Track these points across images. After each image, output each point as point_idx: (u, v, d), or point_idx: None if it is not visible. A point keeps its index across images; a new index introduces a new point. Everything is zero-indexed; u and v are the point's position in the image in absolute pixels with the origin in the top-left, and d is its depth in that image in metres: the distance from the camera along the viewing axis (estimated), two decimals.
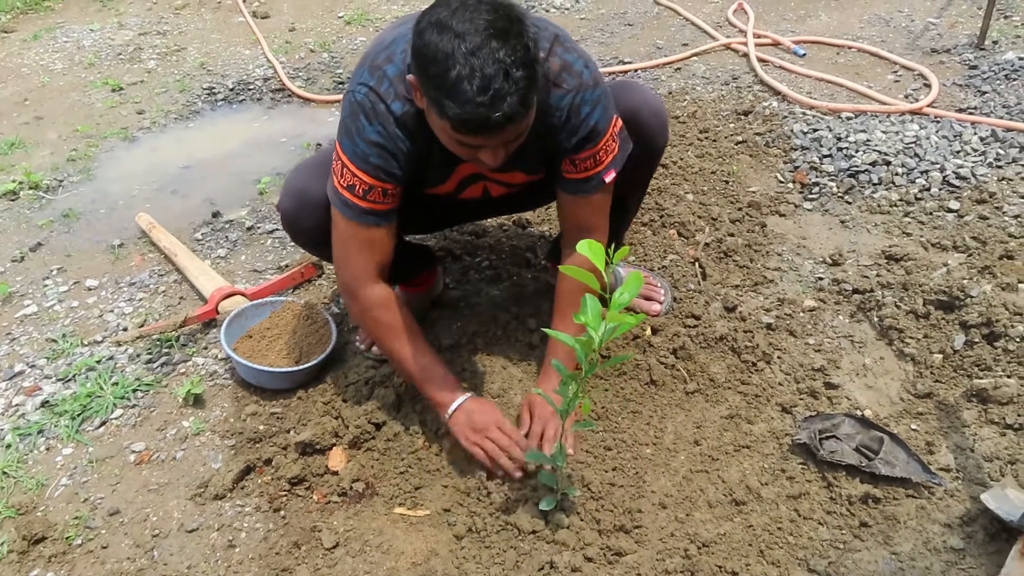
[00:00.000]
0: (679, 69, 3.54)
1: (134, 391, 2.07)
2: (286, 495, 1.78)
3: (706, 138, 2.95)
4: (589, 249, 1.35)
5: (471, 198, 1.89)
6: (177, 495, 1.80)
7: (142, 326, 2.30)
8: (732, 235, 2.44)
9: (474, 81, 1.30)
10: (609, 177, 1.70)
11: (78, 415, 2.00)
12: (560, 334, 1.51)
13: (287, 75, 3.76)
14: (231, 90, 3.70)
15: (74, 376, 2.13)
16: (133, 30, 4.47)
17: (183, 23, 4.54)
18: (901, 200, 2.54)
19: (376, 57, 1.59)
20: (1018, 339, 1.91)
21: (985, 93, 3.06)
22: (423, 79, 1.38)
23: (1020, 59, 3.24)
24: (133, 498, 1.80)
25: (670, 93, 3.32)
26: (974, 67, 3.27)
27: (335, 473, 1.80)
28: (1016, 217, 2.37)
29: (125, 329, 2.30)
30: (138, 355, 2.19)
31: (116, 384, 2.08)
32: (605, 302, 1.40)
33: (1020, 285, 2.09)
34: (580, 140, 1.63)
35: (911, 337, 2.01)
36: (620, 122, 1.70)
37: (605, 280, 1.41)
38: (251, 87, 3.72)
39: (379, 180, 1.61)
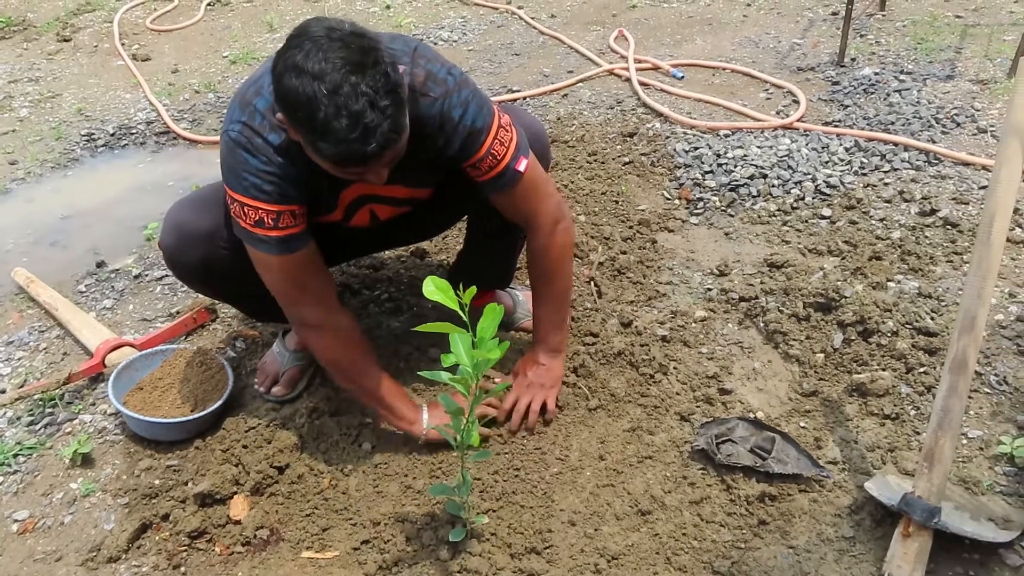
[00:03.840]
0: (566, 95, 3.64)
1: (15, 456, 1.96)
2: (186, 550, 1.71)
3: (595, 160, 3.04)
4: (436, 286, 1.38)
5: (361, 226, 1.88)
6: (67, 563, 1.71)
7: (22, 386, 2.18)
8: (624, 253, 2.51)
9: (342, 119, 1.31)
10: (522, 165, 1.72)
11: None
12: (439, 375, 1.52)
13: (171, 117, 3.67)
14: (112, 135, 3.57)
15: None
16: (2, 78, 4.26)
17: (57, 68, 4.36)
18: (779, 210, 2.67)
19: (245, 93, 1.59)
20: (888, 334, 2.03)
21: (847, 107, 3.27)
22: (292, 123, 1.39)
23: (876, 74, 3.48)
24: (17, 571, 1.69)
25: (558, 119, 3.41)
26: (836, 83, 3.49)
27: (238, 522, 1.75)
28: (882, 220, 2.53)
29: (3, 391, 2.17)
30: (18, 417, 2.08)
31: None
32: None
33: (888, 283, 2.23)
34: (462, 143, 1.65)
35: (795, 339, 2.11)
36: (505, 116, 1.72)
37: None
38: (133, 131, 3.60)
39: (283, 204, 1.59)
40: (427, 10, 4.87)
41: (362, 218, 1.84)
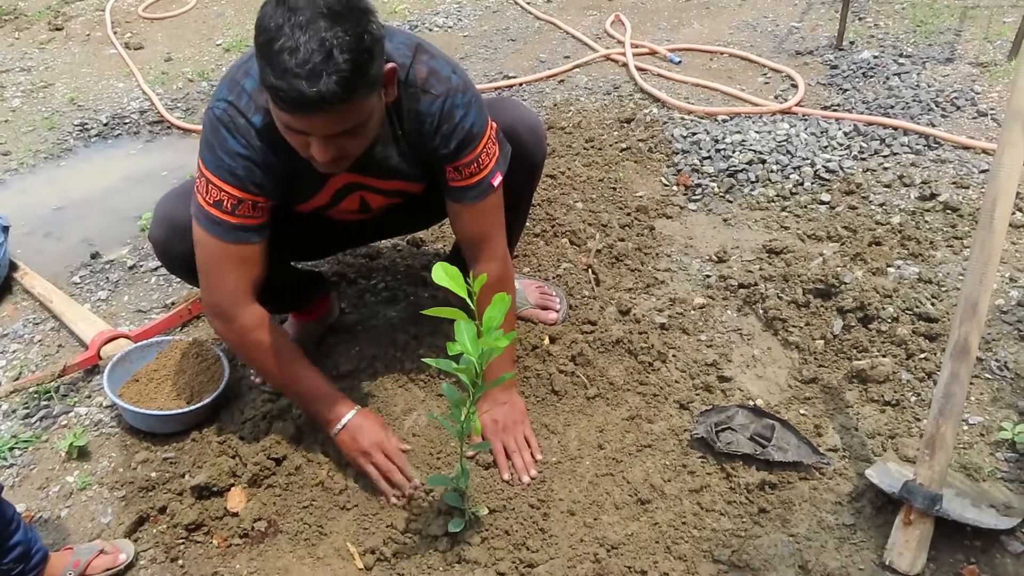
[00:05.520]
0: (562, 81, 3.61)
1: (10, 449, 1.95)
2: (183, 543, 1.70)
3: (592, 147, 3.01)
4: (445, 272, 1.36)
5: (352, 214, 1.85)
6: None
7: (17, 379, 2.16)
8: (622, 240, 2.50)
9: (296, 54, 1.29)
10: (496, 180, 1.70)
11: None
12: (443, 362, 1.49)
13: (165, 106, 3.63)
14: (105, 125, 3.54)
15: None
16: None
17: (49, 58, 4.32)
18: (778, 196, 2.66)
19: (235, 73, 1.57)
20: (889, 320, 2.02)
21: (846, 91, 3.25)
22: (256, 52, 1.37)
23: (875, 57, 3.45)
24: None
25: (555, 105, 3.38)
26: (835, 67, 3.46)
27: (235, 514, 1.74)
28: (881, 205, 2.52)
29: None
30: (14, 411, 2.06)
31: None
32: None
33: (888, 269, 2.22)
34: (458, 144, 1.63)
35: (794, 326, 2.10)
36: (495, 125, 1.71)
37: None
38: (127, 121, 3.57)
39: (248, 192, 1.57)
40: None
41: (351, 203, 1.81)
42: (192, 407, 1.92)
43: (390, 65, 1.47)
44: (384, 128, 1.61)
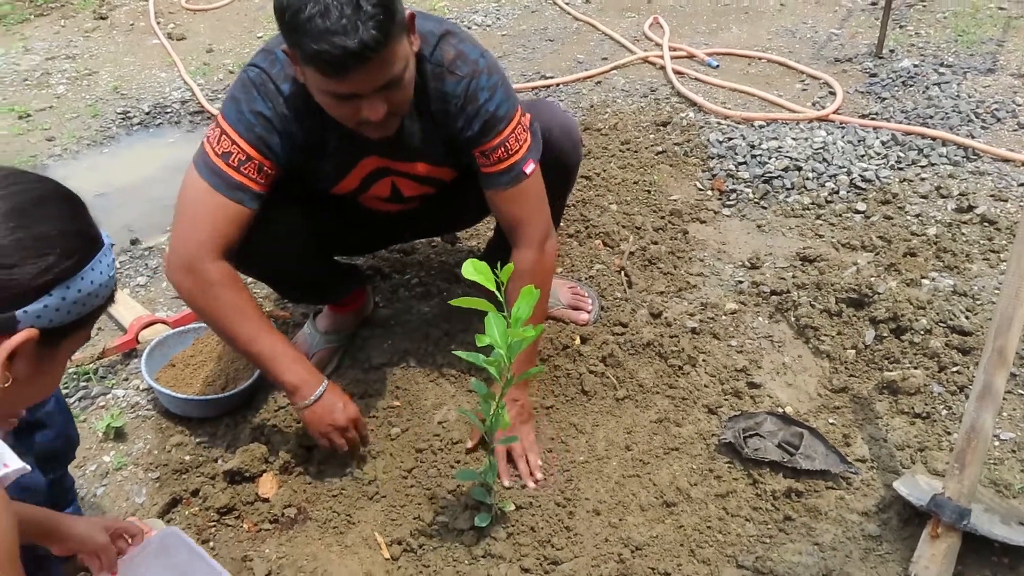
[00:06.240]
0: (599, 83, 3.61)
1: None
2: (215, 526, 1.74)
3: (627, 149, 3.02)
4: (475, 268, 1.37)
5: (385, 202, 1.88)
6: None
7: None
8: (656, 243, 2.50)
9: (328, 15, 1.33)
10: (529, 168, 1.70)
11: None
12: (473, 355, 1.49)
13: (206, 97, 3.69)
14: (147, 114, 3.61)
15: None
16: (40, 54, 4.32)
17: (94, 46, 4.41)
18: (813, 203, 2.64)
19: (270, 44, 1.62)
20: (922, 332, 2.01)
21: (885, 99, 3.22)
22: (284, 34, 1.40)
23: (915, 66, 3.41)
24: None
25: (592, 106, 3.39)
26: (874, 75, 3.43)
27: (266, 500, 1.77)
28: (917, 216, 2.50)
29: None
30: None
31: None
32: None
33: (923, 280, 2.20)
34: (482, 127, 1.64)
35: (826, 335, 2.09)
36: (527, 117, 1.72)
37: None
38: (168, 110, 3.64)
39: (259, 152, 1.59)
40: None
41: (383, 189, 1.84)
42: (227, 393, 1.96)
43: (408, 11, 1.50)
44: (409, 106, 1.63)
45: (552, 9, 4.50)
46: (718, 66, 3.66)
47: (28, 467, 0.92)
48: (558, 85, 3.60)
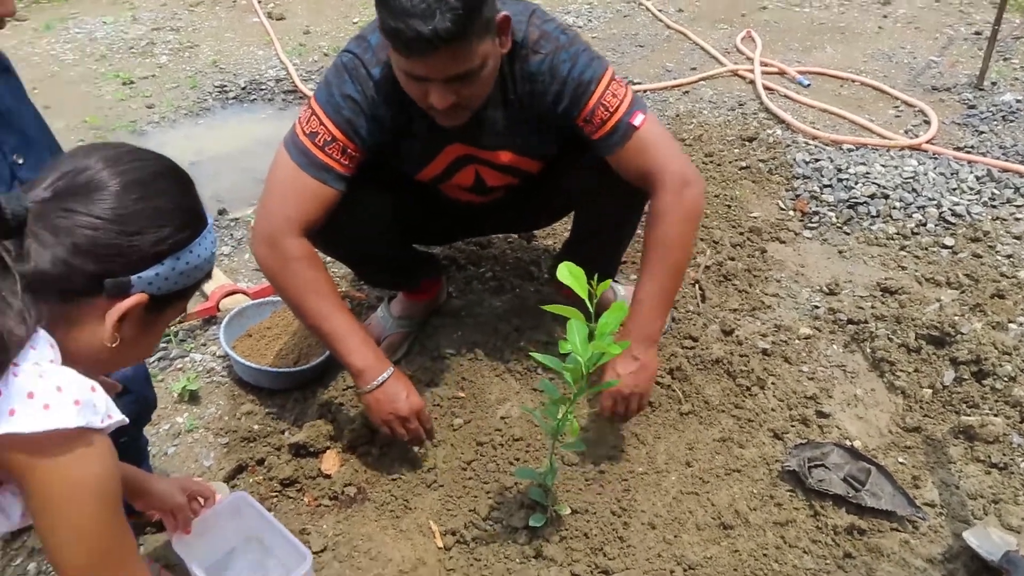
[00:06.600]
0: (687, 92, 3.58)
1: None
2: (277, 496, 1.79)
3: (711, 162, 2.99)
4: (570, 272, 1.38)
5: (468, 192, 1.90)
6: None
7: None
8: (732, 259, 2.47)
9: None
10: (637, 119, 1.65)
11: None
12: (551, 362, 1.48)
13: (300, 77, 3.79)
14: (243, 89, 3.73)
15: None
16: (146, 24, 4.49)
17: (197, 20, 4.56)
18: (898, 234, 2.57)
19: (365, 30, 1.67)
20: (1005, 378, 1.94)
21: (983, 133, 3.11)
22: (376, 5, 1.44)
23: (1018, 101, 3.28)
24: None
25: (677, 115, 3.36)
26: (973, 107, 3.32)
27: (327, 476, 1.82)
28: (1008, 257, 2.41)
29: None
30: None
31: None
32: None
33: (1010, 324, 2.12)
34: (572, 96, 1.64)
35: (902, 370, 2.04)
36: (614, 72, 1.69)
37: None
38: (263, 87, 3.75)
39: (345, 135, 1.64)
40: None
41: (466, 178, 1.86)
42: (299, 368, 2.01)
43: (503, 13, 1.52)
44: (496, 92, 1.66)
45: (644, 15, 4.48)
46: (809, 85, 3.59)
47: (127, 419, 0.97)
48: (645, 92, 3.58)
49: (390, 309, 2.15)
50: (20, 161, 1.35)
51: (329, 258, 2.07)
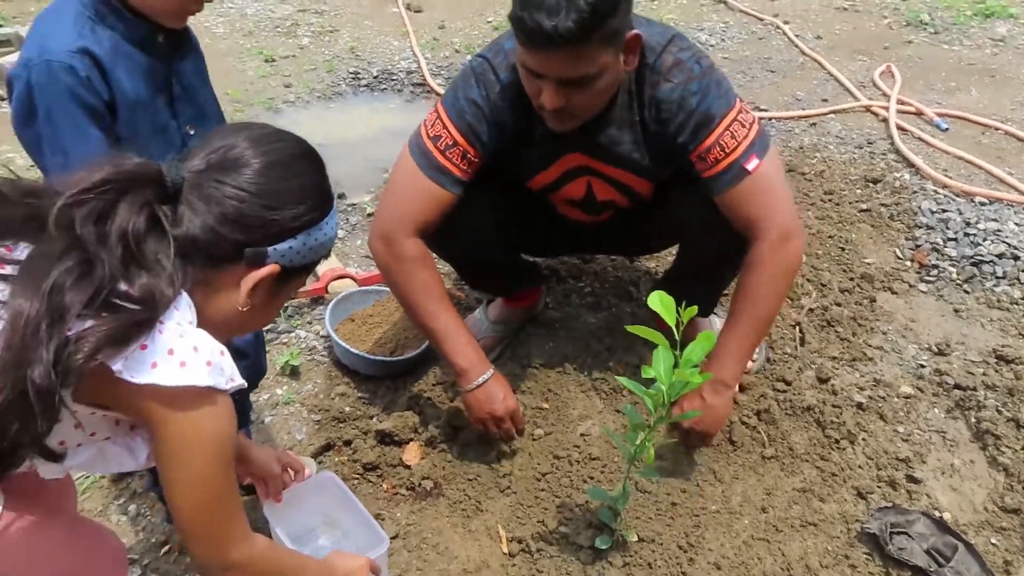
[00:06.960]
0: (814, 124, 3.48)
1: None
2: (358, 478, 1.87)
3: (829, 200, 2.90)
4: (661, 301, 1.38)
5: (576, 207, 1.93)
6: None
7: None
8: (839, 304, 2.40)
9: None
10: (751, 164, 1.63)
11: None
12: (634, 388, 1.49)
13: (430, 72, 3.90)
14: (375, 77, 3.87)
15: None
16: (293, 5, 4.72)
17: (340, 5, 4.76)
18: (1023, 299, 2.44)
19: (502, 36, 1.71)
20: None
21: None
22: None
23: None
24: None
25: (801, 147, 3.28)
26: None
27: (408, 467, 1.88)
28: None
29: None
30: None
31: None
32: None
33: None
34: (694, 128, 1.64)
35: (1008, 446, 1.94)
36: (749, 113, 1.68)
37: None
38: (394, 78, 3.88)
39: (466, 139, 1.68)
40: (691, 8, 4.81)
41: (577, 189, 1.88)
42: (395, 358, 2.09)
43: (634, 32, 1.52)
44: (623, 111, 1.67)
45: (780, 39, 4.37)
46: (947, 129, 3.43)
47: (246, 384, 1.06)
48: (771, 119, 3.51)
49: (487, 312, 2.20)
50: (192, 132, 1.52)
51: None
